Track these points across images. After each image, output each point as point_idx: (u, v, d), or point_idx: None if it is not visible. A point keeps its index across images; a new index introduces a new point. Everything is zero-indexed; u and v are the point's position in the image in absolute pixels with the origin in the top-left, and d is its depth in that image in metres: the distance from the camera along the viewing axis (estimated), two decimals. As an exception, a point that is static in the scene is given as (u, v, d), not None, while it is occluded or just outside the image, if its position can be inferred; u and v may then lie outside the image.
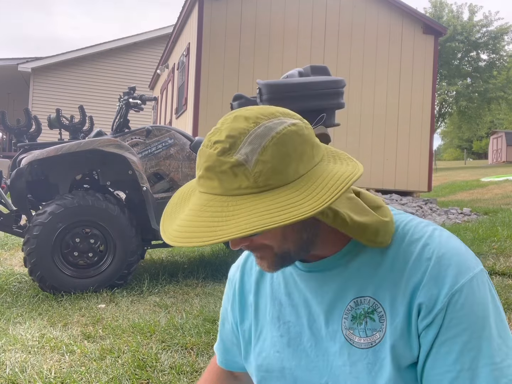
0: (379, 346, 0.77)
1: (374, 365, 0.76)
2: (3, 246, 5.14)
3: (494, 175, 13.95)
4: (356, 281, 0.80)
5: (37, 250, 3.17)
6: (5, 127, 3.74)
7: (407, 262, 0.77)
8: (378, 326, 0.77)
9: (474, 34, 26.81)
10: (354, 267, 0.81)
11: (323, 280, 0.83)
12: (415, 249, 0.77)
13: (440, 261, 0.75)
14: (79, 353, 2.24)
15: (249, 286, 0.95)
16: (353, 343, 0.79)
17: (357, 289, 0.80)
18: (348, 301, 0.80)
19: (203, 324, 2.56)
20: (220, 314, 1.06)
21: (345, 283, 0.81)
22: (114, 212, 3.33)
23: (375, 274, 0.79)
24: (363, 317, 0.79)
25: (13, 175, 3.30)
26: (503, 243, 4.03)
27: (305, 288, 0.86)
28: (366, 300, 0.79)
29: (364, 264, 0.80)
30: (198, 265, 3.97)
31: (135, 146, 3.55)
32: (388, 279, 0.78)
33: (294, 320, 0.87)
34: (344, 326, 0.80)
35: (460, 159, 42.47)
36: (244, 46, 8.23)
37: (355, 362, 0.78)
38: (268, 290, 0.92)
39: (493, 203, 7.14)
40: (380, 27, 8.85)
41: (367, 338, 0.78)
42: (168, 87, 11.29)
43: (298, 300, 0.87)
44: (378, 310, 0.78)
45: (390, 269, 0.78)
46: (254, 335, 0.92)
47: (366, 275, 0.80)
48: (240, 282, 0.97)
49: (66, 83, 15.12)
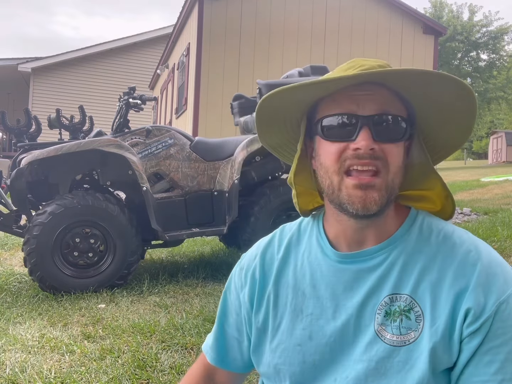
0: (413, 345, 0.76)
1: (406, 364, 0.75)
2: (3, 246, 5.14)
3: (494, 175, 13.95)
4: (393, 277, 0.79)
5: (37, 250, 3.17)
6: (5, 127, 3.74)
7: (450, 265, 0.77)
8: (414, 326, 0.76)
9: (474, 34, 26.83)
10: (392, 262, 0.80)
11: (357, 273, 0.82)
12: (459, 253, 0.78)
13: (487, 269, 0.76)
14: (79, 353, 2.24)
15: (269, 275, 0.91)
16: (384, 339, 0.77)
17: (393, 286, 0.79)
18: (383, 296, 0.79)
19: (203, 324, 2.56)
20: (221, 308, 1.01)
21: (381, 278, 0.80)
22: (114, 212, 3.33)
23: (413, 272, 0.79)
24: (398, 314, 0.78)
25: (13, 175, 3.30)
26: (503, 243, 4.03)
27: (335, 280, 0.83)
28: (402, 298, 0.78)
29: (403, 261, 0.80)
30: (198, 265, 3.97)
31: (135, 146, 3.55)
32: (428, 279, 0.77)
33: (318, 313, 0.84)
34: (377, 321, 0.79)
35: (460, 159, 42.45)
36: (244, 46, 8.23)
37: (383, 358, 0.77)
38: (290, 280, 0.89)
39: (493, 203, 7.13)
40: (380, 27, 8.85)
41: (400, 336, 0.77)
42: (168, 87, 11.29)
43: (324, 292, 0.84)
44: (415, 309, 0.77)
45: (430, 269, 0.78)
46: (272, 326, 0.89)
47: (404, 272, 0.79)
48: (261, 270, 0.92)
49: (66, 83, 15.13)
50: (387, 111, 0.78)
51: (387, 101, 0.78)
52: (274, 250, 0.94)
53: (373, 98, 0.78)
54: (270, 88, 3.52)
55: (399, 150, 0.79)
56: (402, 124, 0.79)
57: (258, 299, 0.91)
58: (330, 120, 0.80)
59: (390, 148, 0.78)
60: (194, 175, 3.68)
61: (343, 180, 0.78)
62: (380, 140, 0.77)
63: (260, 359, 0.91)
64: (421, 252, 0.80)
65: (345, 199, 0.78)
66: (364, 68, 0.79)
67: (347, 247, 0.85)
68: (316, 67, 3.85)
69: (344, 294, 0.82)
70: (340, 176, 0.78)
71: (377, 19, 8.84)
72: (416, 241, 0.82)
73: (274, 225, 3.38)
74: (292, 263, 0.90)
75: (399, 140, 0.79)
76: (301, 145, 0.89)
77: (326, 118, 0.80)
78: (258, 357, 0.92)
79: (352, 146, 0.77)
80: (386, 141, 0.77)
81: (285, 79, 3.83)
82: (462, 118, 0.81)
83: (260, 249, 0.96)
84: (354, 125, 0.77)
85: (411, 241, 0.82)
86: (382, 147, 0.77)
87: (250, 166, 3.73)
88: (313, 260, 0.88)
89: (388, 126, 0.78)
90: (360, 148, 0.76)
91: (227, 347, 1.00)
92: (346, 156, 0.77)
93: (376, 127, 0.77)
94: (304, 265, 0.89)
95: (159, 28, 15.87)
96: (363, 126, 0.77)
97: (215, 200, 3.68)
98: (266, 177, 3.83)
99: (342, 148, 0.78)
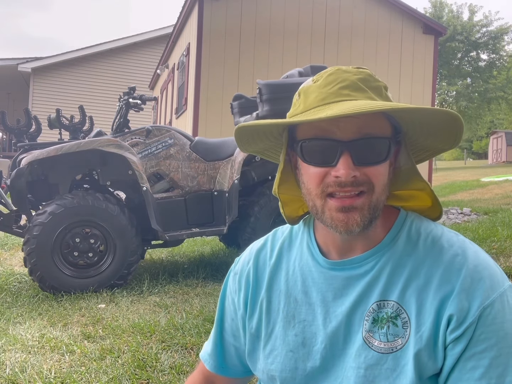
0: (401, 352, 0.75)
1: (394, 371, 0.75)
2: (3, 246, 5.14)
3: (494, 175, 13.95)
4: (381, 283, 0.79)
5: (37, 250, 3.17)
6: (5, 127, 3.75)
7: (437, 270, 0.76)
8: (401, 332, 0.76)
9: (474, 34, 26.79)
10: (380, 269, 0.80)
11: (347, 280, 0.82)
12: (446, 257, 0.77)
13: (472, 274, 0.74)
14: (79, 353, 2.24)
15: (261, 281, 0.92)
16: (371, 346, 0.77)
17: (381, 292, 0.79)
18: (371, 303, 0.79)
19: (203, 324, 2.56)
20: (218, 314, 1.01)
21: (369, 285, 0.80)
22: (114, 212, 3.33)
23: (400, 279, 0.78)
24: (385, 321, 0.77)
25: (13, 175, 3.30)
26: (503, 243, 4.03)
27: (325, 287, 0.84)
28: (390, 305, 0.78)
29: (391, 267, 0.79)
30: (198, 265, 3.97)
31: (135, 146, 3.55)
32: (415, 285, 0.77)
33: (310, 320, 0.84)
34: (364, 328, 0.78)
35: (460, 159, 42.48)
36: (244, 46, 8.23)
37: (371, 365, 0.76)
38: (282, 286, 0.88)
39: (493, 203, 7.13)
40: (380, 27, 8.85)
41: (388, 343, 0.76)
42: (168, 87, 11.29)
43: (315, 299, 0.84)
44: (402, 315, 0.76)
45: (417, 275, 0.77)
46: (265, 333, 0.89)
47: (391, 279, 0.79)
48: (254, 275, 0.92)
49: (66, 83, 15.12)
50: (369, 134, 0.75)
51: (369, 122, 0.75)
52: (266, 255, 0.94)
53: (354, 120, 0.74)
54: (270, 88, 3.52)
55: (384, 169, 0.78)
56: (385, 145, 0.77)
57: (252, 304, 0.92)
58: (310, 144, 0.78)
59: (374, 170, 0.76)
60: (194, 175, 3.68)
61: (326, 203, 0.77)
62: (362, 164, 0.75)
63: (254, 365, 0.91)
64: (409, 257, 0.79)
65: (328, 221, 0.78)
66: (344, 85, 0.77)
67: (336, 254, 0.85)
68: (316, 67, 3.84)
69: (334, 301, 0.82)
70: (323, 199, 0.78)
71: (377, 19, 8.84)
72: (404, 247, 0.81)
73: (274, 225, 3.38)
74: (284, 268, 0.90)
75: (382, 161, 0.77)
76: (283, 157, 0.87)
77: (305, 142, 0.78)
78: (253, 363, 0.92)
79: (333, 173, 0.75)
80: (369, 164, 0.76)
81: (285, 79, 3.82)
82: (450, 133, 0.79)
83: (253, 254, 0.96)
84: (334, 150, 0.75)
85: (399, 247, 0.81)
86: (364, 171, 0.75)
87: (250, 166, 3.73)
88: (304, 267, 0.88)
89: (371, 149, 0.76)
90: (340, 176, 0.74)
91: (225, 354, 0.99)
92: (328, 182, 0.76)
93: (357, 152, 0.75)
94: (295, 271, 0.88)
95: (159, 28, 15.86)
96: (344, 151, 0.74)
97: (215, 200, 3.68)
98: (266, 177, 3.83)
99: (323, 173, 0.77)
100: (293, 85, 3.64)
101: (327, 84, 0.78)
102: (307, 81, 0.84)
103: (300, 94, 0.82)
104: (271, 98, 3.51)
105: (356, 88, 0.77)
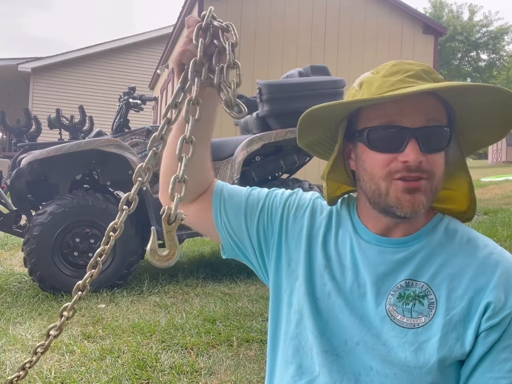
0: (422, 329, 0.79)
1: (411, 345, 0.78)
2: (3, 246, 5.14)
3: (494, 175, 13.94)
4: (413, 264, 0.83)
5: (37, 250, 3.17)
6: (5, 127, 3.75)
7: (471, 263, 0.80)
8: (426, 311, 0.79)
9: (474, 34, 26.80)
10: (415, 251, 0.83)
11: (380, 254, 0.85)
12: (480, 254, 0.81)
13: (508, 271, 0.79)
14: (79, 353, 2.24)
15: (319, 226, 0.93)
16: (393, 319, 0.81)
17: (412, 272, 0.82)
18: (400, 280, 0.82)
19: (203, 324, 2.56)
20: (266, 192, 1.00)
21: (401, 263, 0.83)
22: (114, 212, 3.33)
23: (433, 264, 0.82)
24: (411, 298, 0.81)
25: (13, 175, 3.31)
26: (503, 243, 4.03)
27: (360, 254, 0.86)
28: (419, 285, 0.81)
29: (425, 252, 0.83)
30: (198, 265, 3.97)
31: (135, 146, 3.55)
32: (447, 273, 0.81)
33: (338, 278, 0.87)
34: (389, 301, 0.82)
35: (460, 159, 42.37)
36: (243, 46, 8.23)
37: (391, 337, 0.80)
38: (320, 238, 0.91)
39: (493, 203, 7.13)
40: (380, 27, 8.85)
41: (411, 319, 0.80)
42: (168, 87, 11.29)
43: (347, 262, 0.87)
44: (429, 296, 0.80)
45: (450, 264, 0.81)
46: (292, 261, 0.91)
47: (425, 262, 0.82)
48: (318, 211, 0.94)
49: (66, 83, 15.11)
50: (433, 122, 0.79)
51: (432, 111, 0.79)
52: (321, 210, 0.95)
53: (419, 109, 0.78)
54: (270, 88, 3.52)
55: (442, 157, 0.82)
56: (446, 133, 0.81)
57: (307, 232, 0.92)
58: (377, 131, 0.81)
59: (435, 158, 0.80)
60: (194, 175, 3.68)
61: (391, 184, 0.80)
62: (426, 151, 0.79)
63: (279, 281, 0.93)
64: (444, 248, 0.83)
65: (393, 202, 0.80)
66: (409, 74, 0.79)
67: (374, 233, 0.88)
68: (316, 67, 3.84)
69: (366, 268, 0.85)
70: (388, 181, 0.80)
71: (377, 19, 8.83)
72: (441, 238, 0.85)
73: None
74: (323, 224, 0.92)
75: (443, 149, 0.81)
76: (339, 147, 0.89)
77: (372, 129, 0.81)
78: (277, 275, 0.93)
79: (401, 158, 0.78)
80: (432, 151, 0.79)
81: (285, 79, 3.82)
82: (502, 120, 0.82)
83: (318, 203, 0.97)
84: (402, 137, 0.78)
85: (437, 237, 0.85)
86: (428, 158, 0.79)
87: (250, 166, 3.73)
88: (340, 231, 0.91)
89: (434, 137, 0.79)
90: (409, 161, 0.77)
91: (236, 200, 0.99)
92: (395, 167, 0.79)
93: (423, 139, 0.78)
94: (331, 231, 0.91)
95: (159, 28, 15.84)
96: (411, 138, 0.78)
97: (215, 200, 3.68)
98: (266, 177, 3.83)
99: (390, 159, 0.80)
100: (293, 85, 3.65)
101: (392, 74, 0.80)
102: (365, 74, 0.86)
103: (362, 85, 0.84)
104: (271, 98, 3.51)
105: (420, 77, 0.79)
